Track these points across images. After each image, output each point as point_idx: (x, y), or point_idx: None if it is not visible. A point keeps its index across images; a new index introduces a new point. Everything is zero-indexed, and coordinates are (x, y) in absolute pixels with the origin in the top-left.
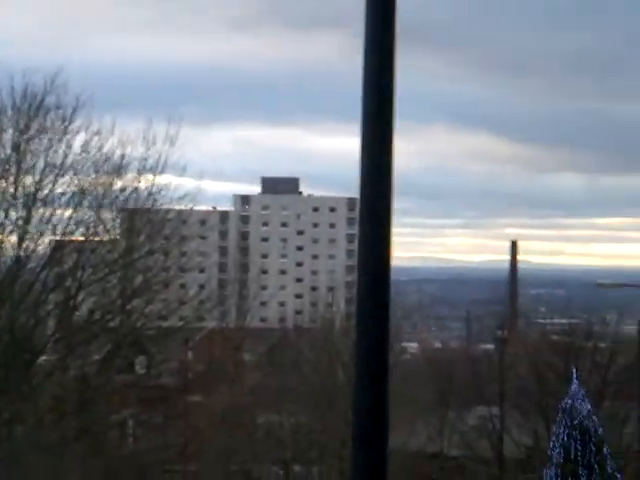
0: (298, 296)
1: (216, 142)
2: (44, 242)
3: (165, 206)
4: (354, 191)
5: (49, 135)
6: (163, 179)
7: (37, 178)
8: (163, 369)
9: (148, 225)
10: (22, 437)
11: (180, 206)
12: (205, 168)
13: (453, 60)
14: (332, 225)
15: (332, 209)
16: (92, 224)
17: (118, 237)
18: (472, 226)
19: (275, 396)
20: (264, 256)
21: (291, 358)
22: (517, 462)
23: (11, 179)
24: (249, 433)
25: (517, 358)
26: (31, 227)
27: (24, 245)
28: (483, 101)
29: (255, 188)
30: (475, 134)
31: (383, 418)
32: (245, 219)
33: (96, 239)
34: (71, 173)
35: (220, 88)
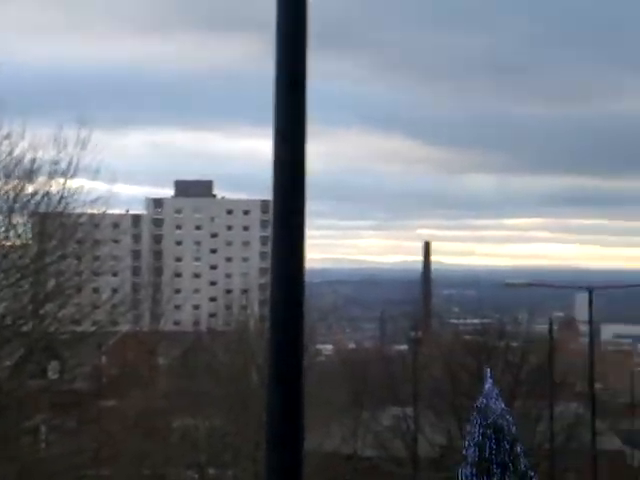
0: (212, 299)
1: (130, 146)
2: None
3: (77, 210)
4: (268, 193)
5: None
6: (75, 183)
7: None
8: (76, 374)
9: (60, 229)
10: None
11: (93, 210)
12: (118, 171)
13: (360, 62)
14: (246, 228)
15: (246, 212)
16: (3, 229)
17: (30, 242)
18: (385, 227)
19: (189, 399)
20: (178, 259)
21: (205, 361)
22: (431, 461)
23: None
24: (163, 437)
25: (431, 358)
26: None
27: None
28: (394, 103)
29: (169, 191)
30: (388, 136)
31: (298, 420)
32: (158, 222)
33: (7, 244)
34: None
35: (135, 92)
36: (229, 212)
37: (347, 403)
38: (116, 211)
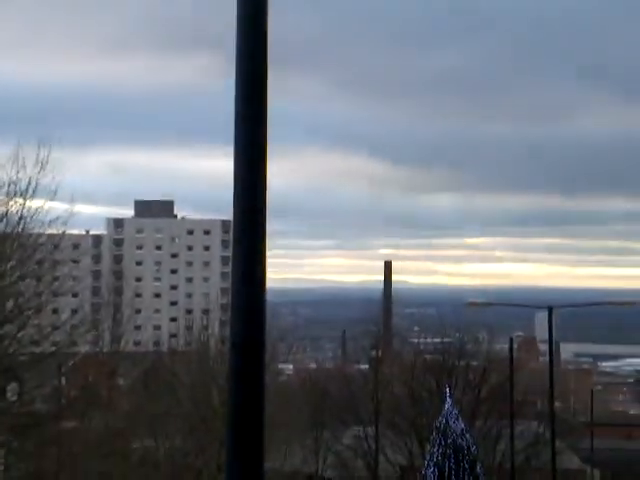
0: (173, 319)
1: (90, 165)
2: None
3: (37, 230)
4: (229, 213)
5: None
6: (34, 203)
7: None
8: (36, 395)
9: (19, 250)
10: None
11: (52, 230)
12: (79, 191)
13: (324, 80)
14: (206, 247)
15: (206, 232)
16: None
17: None
18: (347, 247)
19: (150, 420)
20: (138, 279)
21: (166, 381)
22: None
23: None
24: (124, 458)
25: (392, 377)
26: None
27: None
28: (358, 122)
29: (129, 211)
30: (351, 155)
31: (258, 440)
32: (119, 242)
33: None
34: None
35: (95, 110)
36: (190, 232)
37: (308, 423)
38: (76, 231)
